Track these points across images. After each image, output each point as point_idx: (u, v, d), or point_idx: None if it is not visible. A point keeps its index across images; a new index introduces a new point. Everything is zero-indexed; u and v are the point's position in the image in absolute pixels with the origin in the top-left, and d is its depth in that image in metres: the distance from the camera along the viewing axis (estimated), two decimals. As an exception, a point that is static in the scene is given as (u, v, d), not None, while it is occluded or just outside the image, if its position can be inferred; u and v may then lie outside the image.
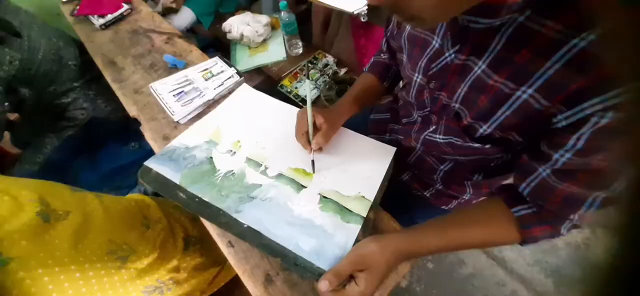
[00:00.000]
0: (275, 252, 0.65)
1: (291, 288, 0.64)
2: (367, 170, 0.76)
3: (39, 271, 0.66)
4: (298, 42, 1.52)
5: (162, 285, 0.89)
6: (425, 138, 0.75)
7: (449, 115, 0.65)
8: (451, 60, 0.59)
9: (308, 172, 0.77)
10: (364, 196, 0.72)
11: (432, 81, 0.65)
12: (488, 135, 0.59)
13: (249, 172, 0.78)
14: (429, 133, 0.73)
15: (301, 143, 0.78)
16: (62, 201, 0.76)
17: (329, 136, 0.76)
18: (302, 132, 0.77)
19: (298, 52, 1.54)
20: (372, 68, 0.93)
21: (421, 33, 0.65)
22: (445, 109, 0.65)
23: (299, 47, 1.53)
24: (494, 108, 0.55)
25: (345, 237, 0.66)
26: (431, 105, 0.69)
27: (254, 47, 1.61)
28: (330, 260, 0.62)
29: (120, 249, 0.80)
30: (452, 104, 0.63)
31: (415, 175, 0.90)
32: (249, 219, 0.69)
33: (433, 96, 0.67)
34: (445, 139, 0.69)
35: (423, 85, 0.69)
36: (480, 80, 0.55)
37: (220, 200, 0.73)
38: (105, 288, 0.76)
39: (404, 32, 0.71)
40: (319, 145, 0.76)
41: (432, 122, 0.72)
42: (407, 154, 0.86)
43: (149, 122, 0.99)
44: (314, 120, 0.75)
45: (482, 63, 0.54)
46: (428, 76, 0.66)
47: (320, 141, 0.75)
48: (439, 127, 0.69)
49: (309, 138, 0.76)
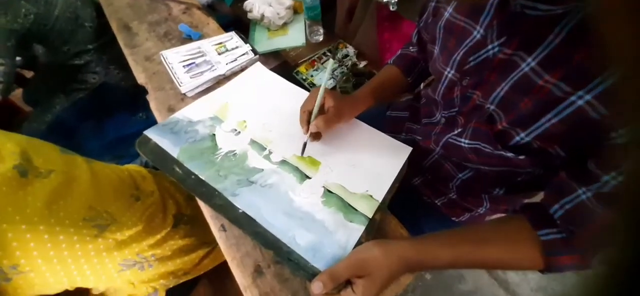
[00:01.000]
0: (268, 243, 0.60)
1: (281, 284, 0.59)
2: (378, 167, 0.71)
3: (4, 226, 0.63)
4: (319, 29, 1.46)
5: (143, 261, 0.85)
6: (447, 141, 0.69)
7: (481, 118, 0.58)
8: (494, 53, 0.52)
9: (315, 160, 0.72)
10: (371, 195, 0.66)
11: (466, 77, 0.59)
12: (525, 144, 0.53)
13: (251, 155, 0.73)
14: (453, 136, 0.67)
15: (300, 119, 0.72)
16: (46, 159, 0.73)
17: (332, 124, 0.70)
18: (306, 109, 0.71)
19: (318, 40, 1.48)
20: (398, 60, 0.87)
21: (461, 20, 0.59)
22: (477, 110, 0.59)
23: (320, 34, 1.47)
24: (539, 114, 0.49)
25: (346, 237, 0.60)
26: (461, 104, 0.63)
27: (274, 29, 1.56)
28: (327, 260, 0.57)
29: (100, 217, 0.76)
30: (486, 105, 0.56)
31: (428, 180, 0.84)
32: (245, 204, 0.64)
33: (464, 94, 0.61)
34: (472, 144, 0.62)
35: (455, 82, 0.62)
36: (527, 80, 0.49)
37: (217, 180, 0.68)
38: (77, 255, 0.72)
39: (441, 20, 0.65)
40: (317, 129, 0.69)
41: (458, 124, 0.65)
42: (423, 157, 0.80)
43: (156, 91, 0.95)
44: (323, 102, 0.70)
45: (531, 59, 0.47)
46: (462, 71, 0.59)
47: (320, 125, 0.69)
48: (466, 130, 0.63)
49: (311, 118, 0.71)
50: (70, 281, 0.74)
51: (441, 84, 0.66)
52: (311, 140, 0.72)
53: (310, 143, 0.72)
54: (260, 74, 0.94)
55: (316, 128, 0.69)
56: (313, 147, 0.73)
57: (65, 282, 0.73)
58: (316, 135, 0.73)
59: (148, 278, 0.88)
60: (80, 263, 0.73)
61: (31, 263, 0.66)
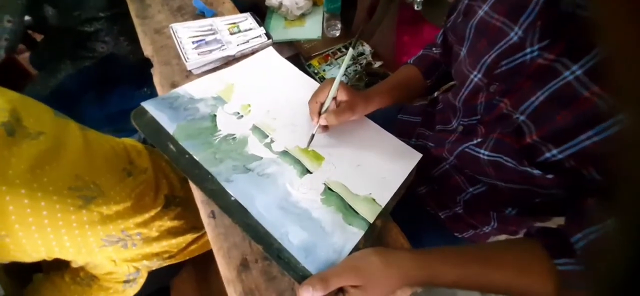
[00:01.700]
0: (258, 237, 0.55)
1: (268, 282, 0.54)
2: (384, 170, 0.66)
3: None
4: (337, 24, 1.42)
5: (127, 238, 0.81)
6: (463, 151, 0.63)
7: (507, 129, 0.53)
8: (532, 58, 0.47)
9: (319, 155, 0.67)
10: (374, 199, 0.61)
11: (494, 83, 0.54)
12: (556, 162, 0.47)
13: (252, 141, 0.69)
14: (471, 145, 0.61)
15: (310, 109, 0.68)
16: (38, 121, 0.70)
17: (343, 119, 0.65)
18: (317, 100, 0.67)
19: (334, 34, 1.44)
20: (419, 61, 0.81)
21: (498, 20, 0.54)
22: (502, 120, 0.54)
23: (337, 29, 1.43)
24: (578, 130, 0.43)
25: (343, 240, 0.55)
26: (484, 112, 0.58)
27: (291, 19, 1.52)
28: (320, 263, 0.52)
29: (87, 188, 0.72)
30: (515, 115, 0.51)
31: (434, 190, 0.79)
32: (238, 192, 0.60)
33: (490, 102, 0.56)
34: (492, 157, 0.57)
35: (480, 87, 0.57)
36: (569, 90, 0.43)
37: (212, 163, 0.64)
38: (57, 225, 0.68)
39: (474, 18, 0.60)
40: (326, 122, 0.65)
41: (478, 133, 0.60)
42: (433, 166, 0.75)
43: (161, 65, 0.92)
44: (336, 95, 0.65)
45: (577, 67, 0.42)
46: (491, 76, 0.54)
47: (331, 119, 0.64)
48: (487, 140, 0.57)
49: (321, 109, 0.66)
50: (47, 251, 0.70)
51: (464, 89, 0.61)
52: (320, 132, 0.68)
53: (315, 137, 0.68)
54: (272, 59, 0.90)
55: (325, 121, 0.65)
56: (318, 140, 0.68)
57: (42, 251, 0.69)
58: (324, 128, 0.68)
59: (131, 257, 0.84)
60: (60, 233, 0.69)
61: (7, 227, 0.62)
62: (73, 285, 0.85)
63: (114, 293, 0.86)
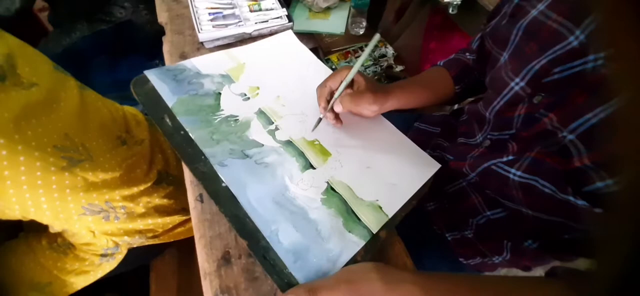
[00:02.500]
0: (245, 231, 0.49)
1: (248, 281, 0.48)
2: (396, 177, 0.59)
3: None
4: (362, 22, 1.36)
5: (110, 210, 0.75)
6: (489, 168, 0.56)
7: (550, 148, 0.46)
8: (594, 67, 0.40)
9: (325, 150, 0.61)
10: (381, 207, 0.55)
11: (539, 94, 0.47)
12: (608, 194, 0.40)
13: (255, 126, 0.63)
14: (499, 163, 0.54)
15: (318, 93, 0.62)
16: (34, 71, 0.65)
17: (361, 101, 0.58)
18: (328, 84, 0.60)
19: (358, 32, 1.38)
20: (450, 64, 0.74)
21: (555, 21, 0.46)
22: (545, 138, 0.46)
23: (362, 27, 1.37)
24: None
25: (340, 249, 0.49)
26: (521, 126, 0.51)
27: (316, 10, 1.46)
28: (310, 271, 0.46)
29: (75, 149, 0.67)
30: (562, 133, 0.44)
31: (444, 208, 0.72)
32: (231, 178, 0.54)
33: (532, 115, 0.48)
34: (525, 179, 0.49)
35: (521, 97, 0.50)
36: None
37: (207, 143, 0.58)
38: (35, 184, 0.63)
39: (524, 19, 0.52)
40: (340, 108, 0.58)
41: (509, 150, 0.53)
42: (448, 181, 0.68)
43: (174, 34, 0.87)
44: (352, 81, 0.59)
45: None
46: (538, 85, 0.47)
47: (346, 102, 0.57)
48: (522, 159, 0.50)
49: (331, 97, 0.60)
50: (22, 210, 0.65)
51: (501, 98, 0.54)
52: (330, 120, 0.62)
53: (324, 129, 0.61)
54: (289, 43, 0.84)
55: (340, 106, 0.58)
56: (326, 134, 0.62)
57: (16, 210, 0.64)
58: (336, 119, 0.61)
59: (111, 231, 0.78)
60: (37, 193, 0.64)
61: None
62: (49, 250, 0.80)
63: (89, 265, 0.81)
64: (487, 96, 0.61)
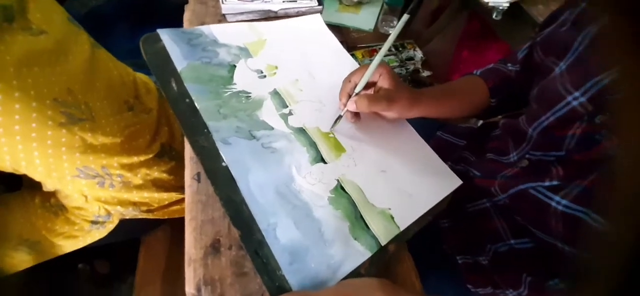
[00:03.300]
0: (239, 219, 0.44)
1: (236, 276, 0.42)
2: (412, 186, 0.53)
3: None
4: (394, 21, 1.29)
5: (106, 177, 0.71)
6: (525, 191, 0.50)
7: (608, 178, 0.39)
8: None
9: (340, 144, 0.55)
10: (393, 217, 0.49)
11: (604, 112, 0.40)
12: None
13: (267, 106, 0.57)
14: (540, 187, 0.47)
15: (341, 88, 0.56)
16: (45, 18, 0.62)
17: (376, 107, 0.52)
18: (353, 78, 0.54)
19: (388, 31, 1.31)
20: (488, 74, 0.67)
21: None
22: (603, 165, 0.40)
23: (393, 26, 1.30)
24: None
25: (342, 256, 0.43)
26: (575, 148, 0.44)
27: (347, 4, 1.41)
28: (306, 277, 0.40)
29: (76, 106, 0.63)
30: None
31: (459, 228, 0.66)
32: (232, 158, 0.49)
33: (590, 136, 0.42)
34: (571, 210, 0.42)
35: (580, 115, 0.43)
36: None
37: (213, 116, 0.53)
38: (29, 136, 0.59)
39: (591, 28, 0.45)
40: (356, 107, 0.52)
41: (554, 174, 0.46)
42: (470, 199, 0.62)
43: (196, 3, 0.82)
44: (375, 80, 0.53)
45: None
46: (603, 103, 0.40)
47: (361, 104, 0.51)
48: (571, 187, 0.43)
49: (354, 89, 0.54)
50: (13, 163, 0.61)
51: (551, 113, 0.47)
52: (349, 118, 0.56)
53: (342, 122, 0.56)
54: (316, 27, 0.78)
55: (353, 105, 0.52)
56: (344, 129, 0.57)
57: (7, 161, 0.60)
58: (355, 116, 0.56)
59: (105, 198, 0.74)
60: (30, 146, 0.60)
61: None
62: (40, 209, 0.76)
63: (78, 230, 0.77)
64: (531, 111, 0.54)
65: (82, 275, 1.08)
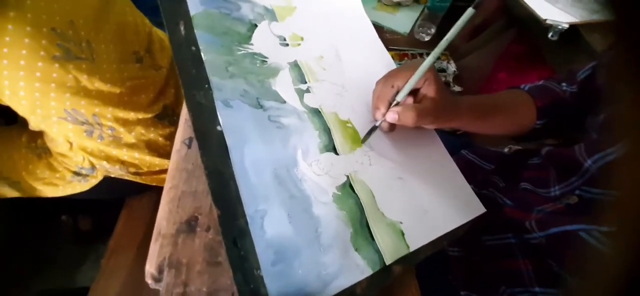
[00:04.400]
0: (221, 198, 0.36)
1: (207, 263, 0.35)
2: (429, 203, 0.45)
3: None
4: (431, 28, 1.21)
5: (96, 126, 0.65)
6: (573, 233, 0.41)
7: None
8: None
9: (357, 136, 0.48)
10: (404, 233, 0.41)
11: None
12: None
13: (283, 76, 0.50)
14: (596, 232, 0.39)
15: (375, 93, 0.47)
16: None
17: (424, 121, 0.43)
18: (391, 82, 0.45)
19: (423, 38, 1.24)
20: (537, 91, 0.58)
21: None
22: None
23: (429, 34, 1.23)
24: None
25: (337, 268, 0.36)
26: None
27: (385, 3, 1.36)
28: (289, 285, 0.33)
29: (76, 43, 0.57)
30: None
31: (471, 261, 0.58)
32: (230, 124, 0.41)
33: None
34: None
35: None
36: None
37: (219, 73, 0.46)
38: (18, 64, 0.53)
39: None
40: (398, 119, 0.43)
41: None
42: (490, 230, 0.54)
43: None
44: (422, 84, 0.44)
45: None
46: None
47: (407, 117, 0.42)
48: None
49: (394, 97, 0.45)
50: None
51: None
52: (384, 129, 0.47)
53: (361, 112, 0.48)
54: (354, 10, 0.70)
55: (395, 116, 0.43)
56: (363, 120, 0.49)
57: None
58: (391, 127, 0.46)
59: (91, 149, 0.68)
60: (17, 75, 0.54)
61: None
62: (25, 149, 0.71)
63: (59, 178, 0.71)
64: (593, 141, 0.46)
65: (64, 227, 1.03)
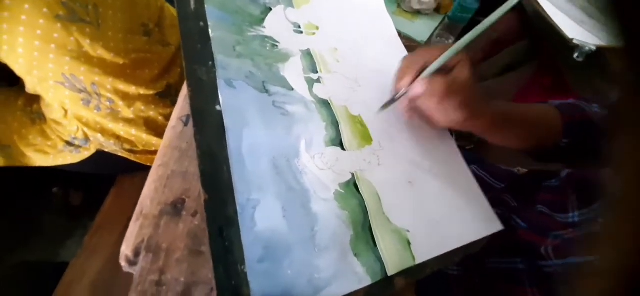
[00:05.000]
0: (211, 180, 0.33)
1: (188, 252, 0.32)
2: (441, 213, 0.41)
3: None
4: (450, 39, 1.17)
5: (94, 96, 0.62)
6: None
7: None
8: None
9: (367, 134, 0.44)
10: (410, 242, 0.37)
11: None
12: None
13: (294, 63, 0.47)
14: None
15: (404, 63, 0.43)
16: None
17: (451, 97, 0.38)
18: (425, 56, 0.42)
19: (442, 49, 1.19)
20: (567, 108, 0.53)
21: None
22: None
23: (449, 44, 1.18)
24: None
25: (332, 273, 0.32)
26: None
27: (405, 9, 1.31)
28: (275, 285, 0.30)
29: (82, 5, 0.56)
30: None
31: (472, 284, 0.54)
32: (231, 105, 0.38)
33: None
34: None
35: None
36: None
37: (225, 51, 0.43)
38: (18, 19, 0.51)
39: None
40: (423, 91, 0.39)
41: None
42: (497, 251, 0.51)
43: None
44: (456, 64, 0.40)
45: None
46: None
47: (439, 88, 0.38)
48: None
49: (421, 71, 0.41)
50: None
51: None
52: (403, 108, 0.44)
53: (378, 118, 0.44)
54: (375, 5, 0.67)
55: (422, 87, 0.39)
56: (375, 118, 0.45)
57: None
58: (411, 110, 0.43)
59: (86, 120, 0.65)
60: (16, 31, 0.51)
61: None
62: (20, 112, 0.68)
63: (51, 147, 0.68)
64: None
65: (55, 199, 1.00)
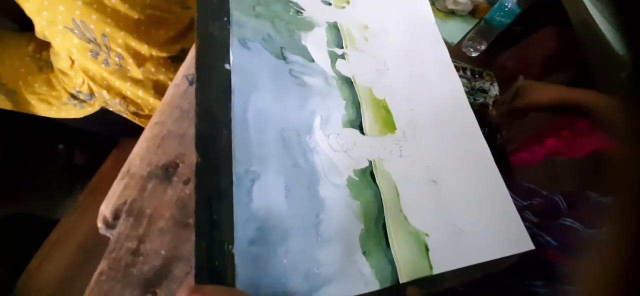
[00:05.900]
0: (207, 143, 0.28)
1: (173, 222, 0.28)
2: (466, 221, 0.36)
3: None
4: (482, 44, 1.10)
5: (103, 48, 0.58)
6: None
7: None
8: None
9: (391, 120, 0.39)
10: (428, 248, 0.33)
11: None
12: None
13: (318, 34, 0.43)
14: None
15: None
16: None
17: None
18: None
19: (470, 52, 1.12)
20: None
21: None
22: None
23: (478, 50, 1.11)
24: None
25: (334, 270, 0.28)
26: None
27: (439, 8, 1.25)
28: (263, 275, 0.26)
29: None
30: None
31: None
32: (241, 65, 0.34)
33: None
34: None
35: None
36: None
37: (243, 9, 0.39)
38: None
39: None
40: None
41: None
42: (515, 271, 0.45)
43: None
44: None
45: None
46: None
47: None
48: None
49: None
50: None
51: None
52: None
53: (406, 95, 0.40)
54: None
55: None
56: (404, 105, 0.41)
57: None
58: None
59: (93, 73, 0.61)
60: None
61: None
62: (29, 57, 0.65)
63: (55, 98, 0.65)
64: None
65: (59, 156, 0.98)
